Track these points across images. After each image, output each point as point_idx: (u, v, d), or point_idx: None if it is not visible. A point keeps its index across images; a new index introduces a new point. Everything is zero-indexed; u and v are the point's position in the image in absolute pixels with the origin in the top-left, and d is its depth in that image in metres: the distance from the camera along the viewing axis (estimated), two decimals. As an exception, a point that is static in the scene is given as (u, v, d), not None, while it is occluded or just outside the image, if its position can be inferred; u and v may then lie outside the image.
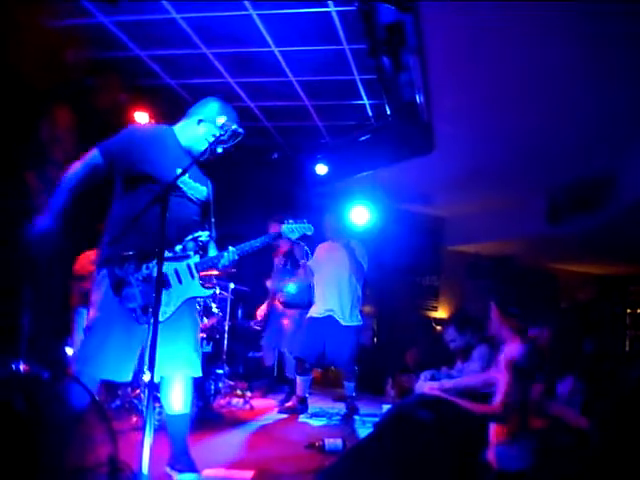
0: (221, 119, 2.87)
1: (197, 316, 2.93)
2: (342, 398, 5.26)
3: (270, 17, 4.24)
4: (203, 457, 3.09)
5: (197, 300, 3.01)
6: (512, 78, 4.62)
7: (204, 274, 2.84)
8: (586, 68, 4.34)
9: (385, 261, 5.86)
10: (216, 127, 2.85)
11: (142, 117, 5.51)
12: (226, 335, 5.19)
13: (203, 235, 2.77)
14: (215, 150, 2.86)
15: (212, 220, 2.99)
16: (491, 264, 9.01)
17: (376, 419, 3.91)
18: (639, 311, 10.52)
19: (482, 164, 6.48)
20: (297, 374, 5.03)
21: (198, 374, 2.73)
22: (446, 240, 8.91)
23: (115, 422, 3.00)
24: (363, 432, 4.23)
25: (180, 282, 2.63)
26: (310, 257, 5.30)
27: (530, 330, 2.82)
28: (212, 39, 4.61)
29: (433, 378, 4.15)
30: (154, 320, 2.16)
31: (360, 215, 6.66)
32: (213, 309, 4.86)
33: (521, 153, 6.08)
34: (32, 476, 1.78)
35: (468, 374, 3.57)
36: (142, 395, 4.05)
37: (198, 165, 2.91)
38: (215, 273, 4.15)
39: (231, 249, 2.78)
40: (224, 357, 5.10)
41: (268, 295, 5.72)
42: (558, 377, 2.45)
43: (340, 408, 5.09)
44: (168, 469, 2.71)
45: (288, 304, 5.50)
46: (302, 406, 4.94)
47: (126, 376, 2.59)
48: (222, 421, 4.28)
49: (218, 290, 5.14)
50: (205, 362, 4.37)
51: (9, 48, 4.16)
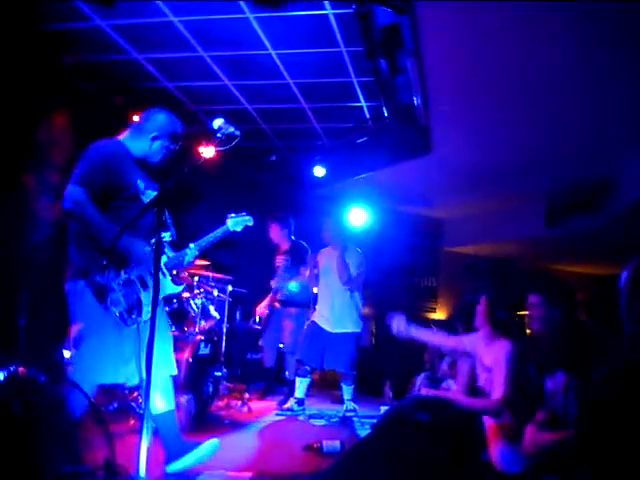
0: (217, 122, 2.87)
1: (167, 315, 3.09)
2: (340, 400, 5.27)
3: (267, 20, 4.25)
4: (200, 460, 3.10)
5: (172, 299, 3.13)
6: (509, 80, 4.63)
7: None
8: (585, 70, 4.35)
9: (383, 263, 5.88)
10: (168, 139, 3.05)
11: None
12: (224, 337, 5.19)
13: (166, 236, 2.87)
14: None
15: (169, 222, 2.99)
16: (489, 265, 9.02)
17: (374, 421, 3.91)
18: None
19: (480, 165, 6.49)
20: (297, 375, 5.04)
21: (175, 372, 2.84)
22: (444, 241, 8.92)
23: (112, 425, 2.99)
24: (361, 434, 4.24)
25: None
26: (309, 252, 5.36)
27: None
28: (210, 42, 4.62)
29: (434, 381, 4.17)
30: (151, 324, 2.22)
31: (358, 217, 6.68)
32: (211, 311, 4.87)
33: (519, 154, 6.10)
34: (28, 477, 1.78)
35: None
36: (139, 398, 4.06)
37: (149, 171, 3.02)
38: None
39: (191, 245, 2.92)
40: (222, 359, 5.10)
41: (267, 294, 5.72)
42: (549, 373, 2.46)
43: (338, 410, 5.09)
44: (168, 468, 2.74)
45: (287, 302, 5.51)
46: (300, 407, 4.95)
47: (127, 377, 2.68)
48: (220, 423, 4.28)
49: (216, 292, 5.15)
50: (203, 364, 4.39)
51: (8, 50, 4.16)
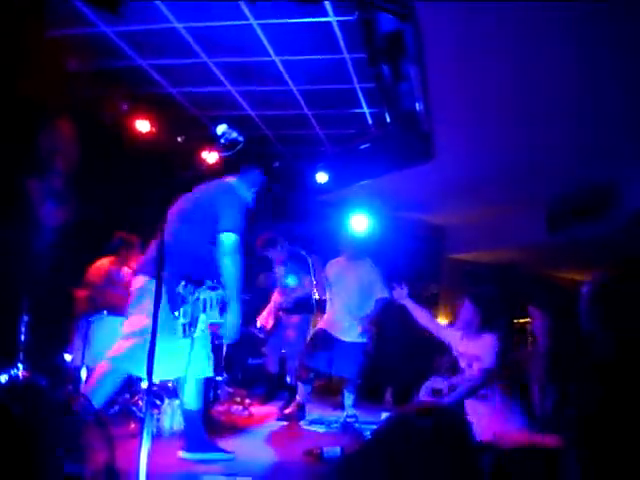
0: (221, 127, 2.89)
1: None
2: (341, 406, 5.26)
3: (271, 26, 4.27)
4: (201, 464, 3.10)
5: None
6: (511, 87, 4.64)
7: None
8: (587, 77, 4.36)
9: (385, 269, 5.86)
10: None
11: (144, 126, 5.55)
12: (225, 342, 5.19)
13: None
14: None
15: None
16: (491, 272, 9.00)
17: (375, 427, 3.90)
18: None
19: (482, 172, 6.50)
20: (300, 381, 5.03)
21: (210, 375, 3.38)
22: (446, 248, 8.91)
23: (113, 428, 3.00)
24: (362, 440, 4.22)
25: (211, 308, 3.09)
26: (314, 270, 5.35)
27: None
28: (213, 48, 4.65)
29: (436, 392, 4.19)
30: (152, 332, 2.37)
31: (360, 223, 6.67)
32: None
33: (521, 161, 6.10)
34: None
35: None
36: (140, 402, 4.06)
37: None
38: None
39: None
40: (223, 364, 5.10)
41: (269, 300, 5.72)
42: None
43: (339, 416, 5.07)
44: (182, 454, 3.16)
45: (290, 310, 5.51)
46: (300, 413, 4.93)
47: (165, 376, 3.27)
48: (221, 428, 4.27)
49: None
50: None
51: (12, 57, 4.19)
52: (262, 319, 5.71)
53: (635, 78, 4.25)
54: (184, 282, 2.97)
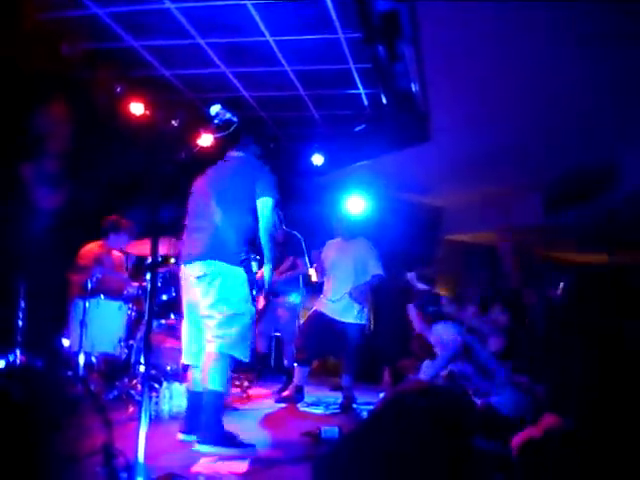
0: (215, 108, 2.87)
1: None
2: (339, 387, 5.29)
3: (265, 6, 4.22)
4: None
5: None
6: (509, 68, 4.61)
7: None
8: (585, 59, 4.33)
9: (382, 250, 5.87)
10: None
11: (137, 108, 5.50)
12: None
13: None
14: None
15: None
16: (487, 253, 9.03)
17: (372, 407, 3.93)
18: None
19: (479, 153, 6.47)
20: (297, 363, 5.05)
21: None
22: (444, 229, 8.91)
23: (112, 412, 3.01)
24: (359, 420, 4.25)
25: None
26: (311, 264, 5.36)
27: None
28: (207, 29, 4.59)
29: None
30: (148, 320, 2.32)
31: (357, 205, 6.66)
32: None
33: (518, 142, 6.08)
34: (27, 464, 1.79)
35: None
36: (139, 385, 4.07)
37: None
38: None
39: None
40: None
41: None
42: None
43: (337, 397, 5.11)
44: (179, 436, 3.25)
45: (276, 293, 5.53)
46: (299, 395, 4.96)
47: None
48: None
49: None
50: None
51: (4, 39, 4.14)
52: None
53: (633, 60, 4.22)
54: (255, 261, 3.17)
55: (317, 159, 6.65)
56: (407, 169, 7.17)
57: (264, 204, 3.27)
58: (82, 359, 4.17)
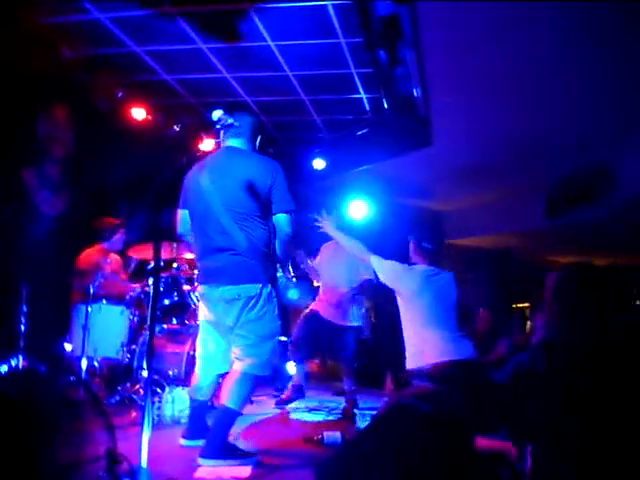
0: (217, 113, 2.87)
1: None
2: (341, 392, 5.27)
3: (266, 11, 4.23)
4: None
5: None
6: (510, 71, 4.61)
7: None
8: (585, 62, 4.33)
9: (383, 255, 5.85)
10: None
11: (139, 113, 5.52)
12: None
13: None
14: None
15: None
16: (490, 257, 9.02)
17: (375, 412, 3.92)
18: (638, 302, 10.52)
19: (481, 157, 6.48)
20: (293, 361, 5.06)
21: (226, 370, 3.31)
22: (445, 234, 8.91)
23: (114, 417, 3.00)
24: (362, 425, 4.25)
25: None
26: (308, 260, 5.34)
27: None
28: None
29: None
30: (150, 324, 2.36)
31: (358, 209, 6.67)
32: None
33: (519, 146, 6.08)
34: (29, 470, 1.79)
35: None
36: (141, 390, 4.07)
37: None
38: None
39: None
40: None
41: None
42: None
43: (339, 402, 5.10)
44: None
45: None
46: (299, 394, 4.92)
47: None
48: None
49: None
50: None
51: (6, 44, 4.16)
52: None
53: (634, 62, 4.22)
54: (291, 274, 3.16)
55: (318, 164, 6.66)
56: (408, 173, 7.18)
57: (281, 220, 3.15)
58: (84, 364, 4.17)
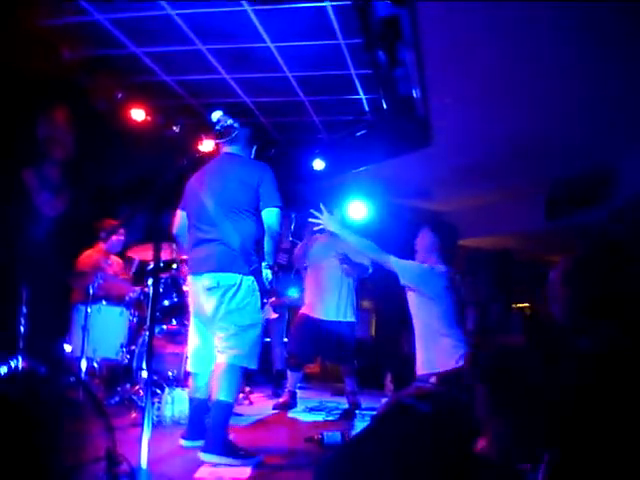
0: (216, 114, 2.88)
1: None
2: (341, 393, 5.28)
3: (266, 12, 4.23)
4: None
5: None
6: (509, 73, 4.61)
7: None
8: (586, 63, 4.33)
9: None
10: None
11: (138, 114, 5.52)
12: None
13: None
14: None
15: None
16: (489, 258, 9.01)
17: (375, 413, 3.92)
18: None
19: (480, 158, 6.47)
20: (289, 369, 5.03)
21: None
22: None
23: (114, 418, 3.01)
24: (362, 426, 4.25)
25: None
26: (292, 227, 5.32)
27: None
28: (208, 35, 4.60)
29: None
30: (150, 325, 2.29)
31: (358, 210, 6.68)
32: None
33: (519, 147, 6.08)
34: (29, 471, 1.79)
35: None
36: (141, 391, 4.07)
37: None
38: None
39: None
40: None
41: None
42: None
43: (339, 402, 5.10)
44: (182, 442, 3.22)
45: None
46: (293, 401, 4.94)
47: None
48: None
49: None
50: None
51: (6, 46, 4.16)
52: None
53: (635, 61, 4.22)
54: (270, 270, 3.14)
55: (318, 164, 6.65)
56: (408, 174, 7.17)
57: (269, 215, 3.21)
58: (84, 365, 4.18)
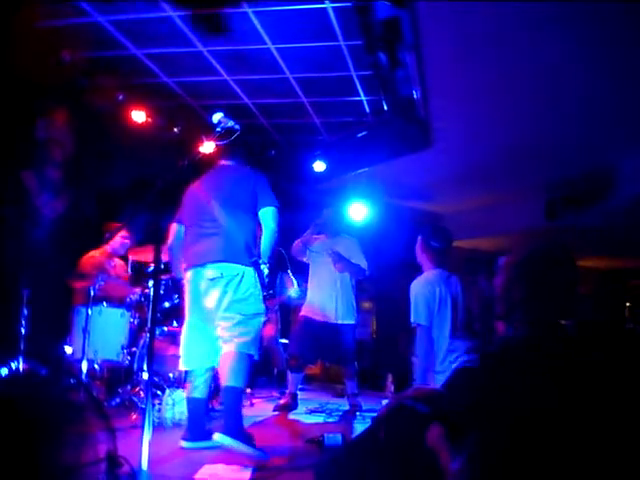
0: (217, 116, 2.89)
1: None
2: (342, 394, 5.27)
3: (266, 14, 4.24)
4: (202, 454, 3.12)
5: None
6: (509, 74, 4.62)
7: None
8: (586, 63, 4.33)
9: (383, 257, 5.88)
10: None
11: (139, 115, 5.53)
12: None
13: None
14: None
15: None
16: (488, 259, 8.99)
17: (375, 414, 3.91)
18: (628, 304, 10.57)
19: (480, 159, 6.48)
20: (290, 371, 5.03)
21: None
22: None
23: (115, 420, 3.01)
24: (362, 427, 4.24)
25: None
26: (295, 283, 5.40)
27: None
28: (208, 37, 4.60)
29: None
30: (151, 327, 2.34)
31: (358, 211, 6.68)
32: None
33: (519, 148, 6.08)
34: (29, 472, 1.79)
35: None
36: (142, 392, 4.07)
37: None
38: None
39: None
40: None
41: None
42: None
43: (340, 404, 5.10)
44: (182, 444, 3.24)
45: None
46: (293, 402, 4.94)
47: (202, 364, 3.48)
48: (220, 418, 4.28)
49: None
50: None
51: (6, 47, 4.16)
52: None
53: (634, 63, 4.22)
54: (266, 265, 3.26)
55: (318, 166, 6.66)
56: (408, 176, 7.18)
57: (267, 213, 3.36)
58: (85, 366, 4.18)
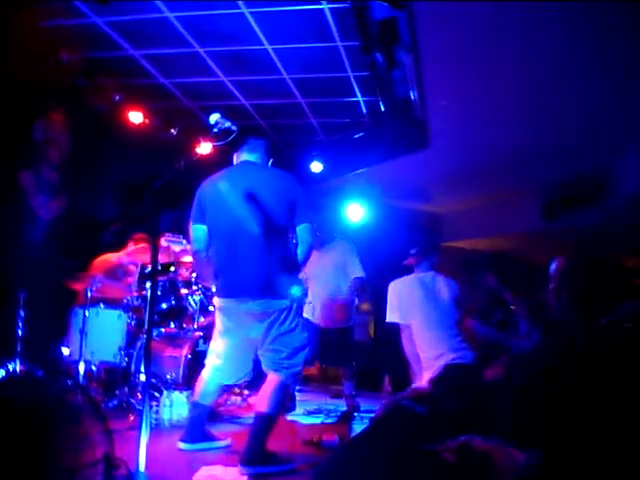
0: (214, 117, 2.88)
1: None
2: (340, 395, 5.27)
3: (263, 15, 4.23)
4: (200, 455, 3.12)
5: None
6: (507, 75, 4.62)
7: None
8: (581, 64, 4.34)
9: (381, 258, 5.87)
10: None
11: (136, 116, 5.52)
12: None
13: None
14: None
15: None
16: (486, 259, 8.99)
17: (373, 415, 3.92)
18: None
19: (477, 160, 6.49)
20: None
21: None
22: (442, 236, 8.91)
23: (112, 421, 3.00)
24: (360, 428, 4.24)
25: None
26: None
27: None
28: (205, 38, 4.60)
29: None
30: (148, 328, 2.38)
31: (355, 212, 6.68)
32: (210, 308, 4.87)
33: (516, 149, 6.09)
34: (27, 474, 1.79)
35: None
36: (139, 394, 4.06)
37: None
38: None
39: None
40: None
41: None
42: None
43: (337, 405, 5.09)
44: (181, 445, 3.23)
45: None
46: (291, 403, 4.93)
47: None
48: (219, 419, 4.28)
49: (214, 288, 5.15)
50: (202, 360, 4.39)
51: (3, 48, 4.16)
52: None
53: (632, 65, 4.23)
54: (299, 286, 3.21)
55: (316, 167, 6.65)
56: (405, 176, 7.18)
57: (305, 230, 3.20)
58: (82, 368, 4.17)
